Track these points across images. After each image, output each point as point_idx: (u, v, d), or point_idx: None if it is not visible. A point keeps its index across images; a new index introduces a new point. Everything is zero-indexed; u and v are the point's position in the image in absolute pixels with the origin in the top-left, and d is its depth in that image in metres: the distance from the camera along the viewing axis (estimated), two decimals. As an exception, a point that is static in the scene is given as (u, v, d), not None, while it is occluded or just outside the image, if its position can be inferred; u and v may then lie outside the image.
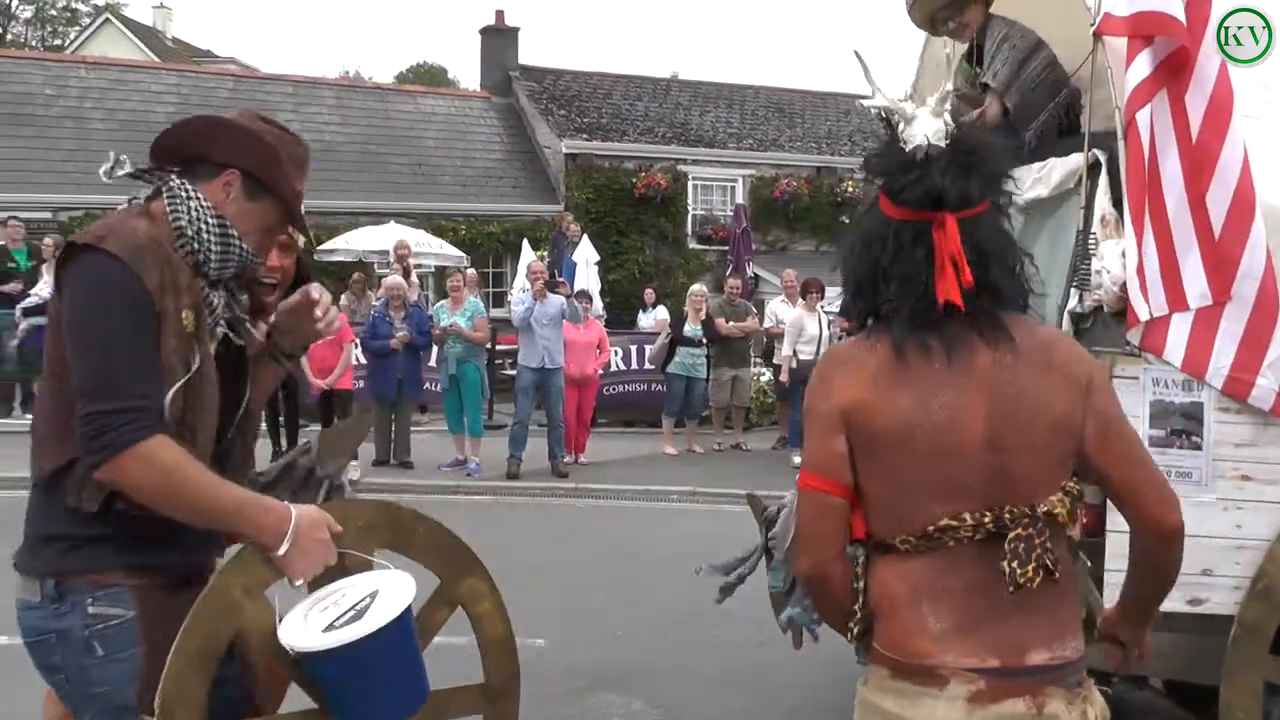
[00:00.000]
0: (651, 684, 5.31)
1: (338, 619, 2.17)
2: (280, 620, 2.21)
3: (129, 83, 18.89)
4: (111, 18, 41.57)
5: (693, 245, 20.78)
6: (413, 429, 11.22)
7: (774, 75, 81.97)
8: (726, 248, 18.64)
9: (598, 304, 14.72)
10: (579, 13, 71.31)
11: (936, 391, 1.91)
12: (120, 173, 2.27)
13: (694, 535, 7.96)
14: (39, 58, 22.31)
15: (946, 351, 1.92)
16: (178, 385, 2.11)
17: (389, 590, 2.24)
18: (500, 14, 22.40)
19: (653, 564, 7.49)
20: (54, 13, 44.46)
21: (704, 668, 5.53)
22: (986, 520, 1.90)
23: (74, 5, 44.88)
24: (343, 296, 11.66)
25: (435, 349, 11.18)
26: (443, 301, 11.19)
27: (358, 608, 2.18)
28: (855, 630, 2.03)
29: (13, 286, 11.61)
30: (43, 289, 10.73)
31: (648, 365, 13.43)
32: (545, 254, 15.54)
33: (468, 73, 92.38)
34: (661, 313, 14.98)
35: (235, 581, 2.19)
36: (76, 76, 18.81)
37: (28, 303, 10.80)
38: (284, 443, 9.50)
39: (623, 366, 13.90)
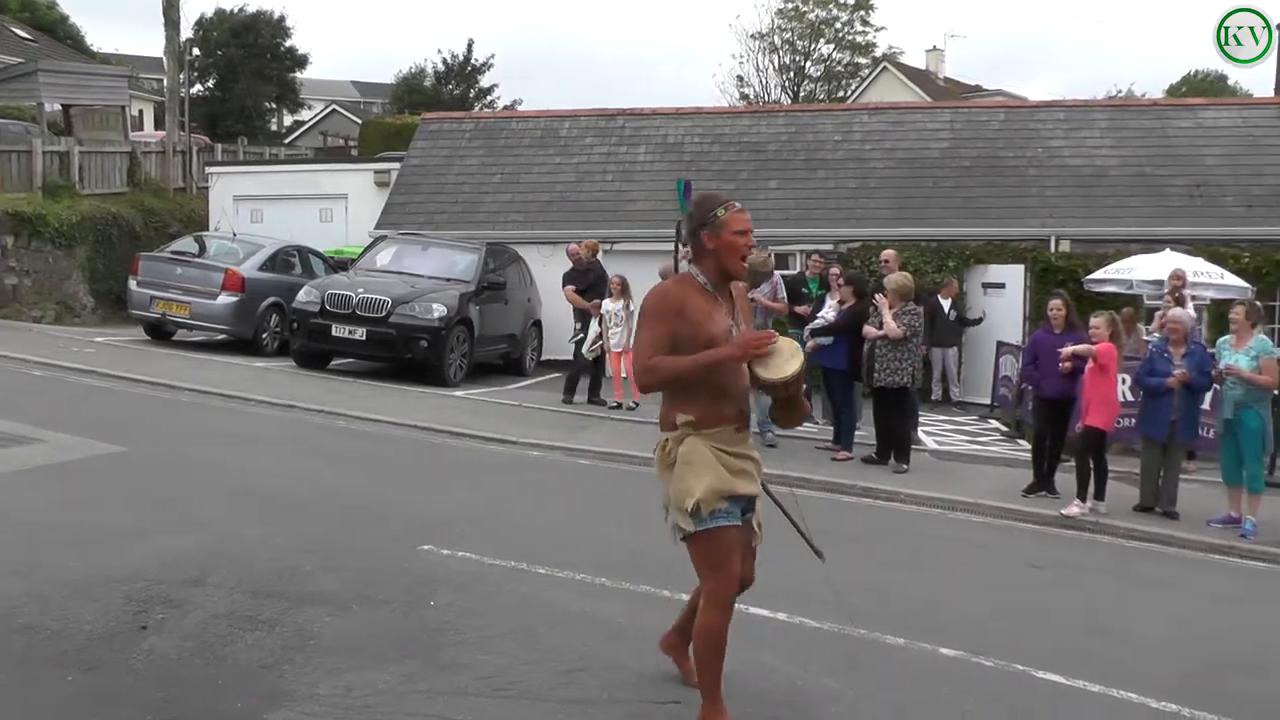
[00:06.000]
0: None
1: None
2: None
3: (906, 123, 20.24)
4: (889, 65, 45.15)
5: None
6: (1182, 477, 10.40)
7: None
8: None
9: None
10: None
11: None
12: None
13: None
14: (828, 109, 24.93)
15: None
16: None
17: None
18: (1296, 8, 19.71)
19: None
20: (839, 69, 49.70)
21: None
22: None
23: (855, 59, 49.78)
24: None
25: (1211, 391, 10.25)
26: (1225, 337, 10.20)
27: None
28: None
29: (803, 309, 13.08)
30: (827, 312, 11.92)
31: None
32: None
33: (1254, 78, 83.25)
34: None
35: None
36: (859, 122, 20.66)
37: (815, 324, 12.03)
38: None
39: None
